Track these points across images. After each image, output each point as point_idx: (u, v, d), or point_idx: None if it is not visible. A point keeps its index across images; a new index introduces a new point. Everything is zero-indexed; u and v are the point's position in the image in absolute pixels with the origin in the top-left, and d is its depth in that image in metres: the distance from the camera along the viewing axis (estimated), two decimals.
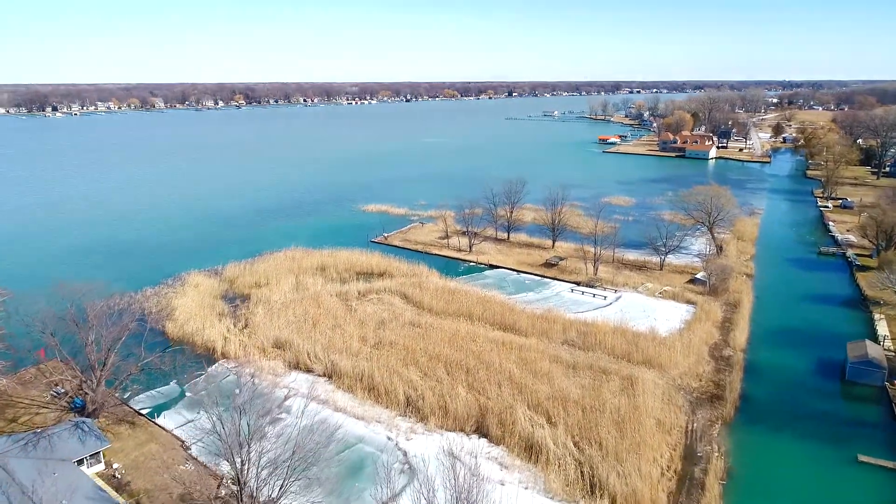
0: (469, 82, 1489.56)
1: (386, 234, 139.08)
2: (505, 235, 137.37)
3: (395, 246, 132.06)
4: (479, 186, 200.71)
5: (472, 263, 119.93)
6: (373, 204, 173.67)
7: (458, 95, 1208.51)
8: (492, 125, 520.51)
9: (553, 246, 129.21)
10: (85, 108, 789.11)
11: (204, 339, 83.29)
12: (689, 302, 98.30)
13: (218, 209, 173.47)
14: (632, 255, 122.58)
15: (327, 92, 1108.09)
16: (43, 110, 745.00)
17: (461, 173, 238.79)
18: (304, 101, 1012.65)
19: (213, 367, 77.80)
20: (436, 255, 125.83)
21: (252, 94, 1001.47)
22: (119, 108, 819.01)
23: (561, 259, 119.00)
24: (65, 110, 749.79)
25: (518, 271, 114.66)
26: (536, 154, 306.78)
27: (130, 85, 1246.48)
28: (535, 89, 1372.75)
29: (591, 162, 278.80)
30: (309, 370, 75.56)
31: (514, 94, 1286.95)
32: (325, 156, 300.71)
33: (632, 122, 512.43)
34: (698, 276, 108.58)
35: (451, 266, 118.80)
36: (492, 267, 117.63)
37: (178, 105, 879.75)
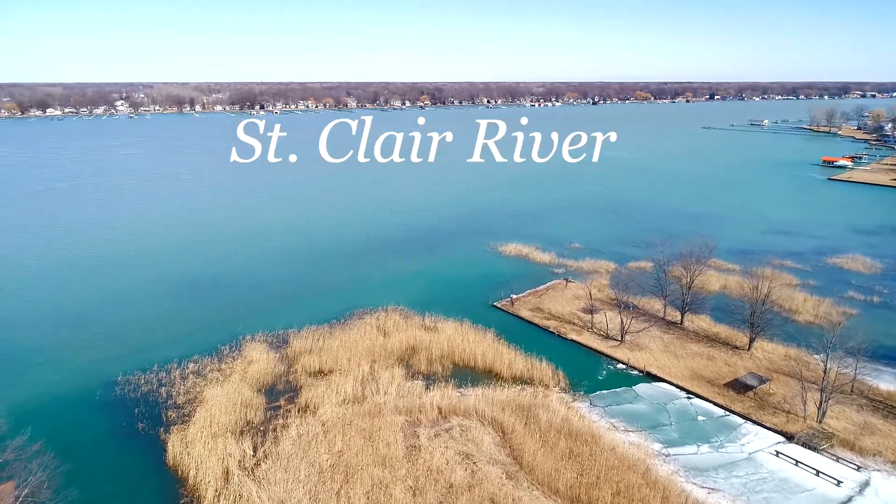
0: (665, 83, 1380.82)
1: (513, 297, 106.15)
2: (678, 317, 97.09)
3: (521, 318, 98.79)
4: (653, 226, 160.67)
5: (620, 366, 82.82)
6: (513, 243, 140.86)
7: (652, 98, 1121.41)
8: (684, 136, 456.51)
9: (750, 348, 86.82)
10: (287, 106, 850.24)
11: (196, 480, 58.11)
12: None
13: (331, 236, 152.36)
14: (887, 384, 76.82)
15: (512, 93, 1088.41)
16: (252, 108, 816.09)
17: (635, 202, 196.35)
18: (488, 102, 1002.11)
19: None
20: (572, 341, 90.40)
21: (438, 95, 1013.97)
22: (316, 107, 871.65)
23: (762, 380, 76.95)
24: (269, 108, 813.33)
25: (690, 393, 75.42)
26: (735, 177, 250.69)
27: (332, 84, 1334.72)
28: (741, 92, 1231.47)
29: (810, 193, 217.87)
30: None
31: (716, 97, 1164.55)
32: (478, 168, 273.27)
33: (867, 136, 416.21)
34: None
35: (589, 365, 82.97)
36: (649, 377, 79.62)
37: (368, 105, 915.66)
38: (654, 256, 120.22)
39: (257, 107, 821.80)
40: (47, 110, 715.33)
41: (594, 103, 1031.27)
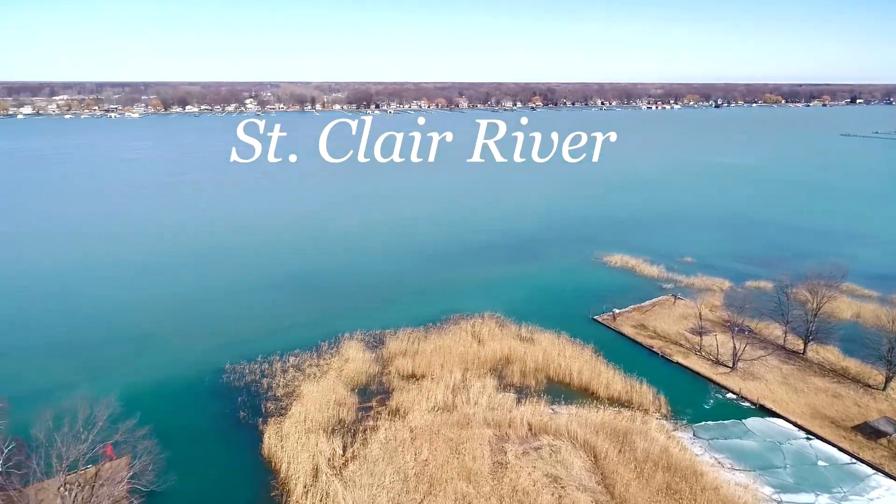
0: (799, 84, 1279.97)
1: (616, 312, 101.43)
2: (800, 346, 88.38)
3: (623, 334, 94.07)
4: (777, 242, 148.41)
5: (730, 396, 76.43)
6: (618, 253, 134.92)
7: (783, 101, 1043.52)
8: (819, 143, 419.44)
9: (886, 387, 77.21)
10: (400, 106, 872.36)
11: (287, 474, 59.81)
12: None
13: (431, 238, 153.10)
14: None
15: (627, 94, 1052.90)
16: (368, 107, 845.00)
17: (757, 215, 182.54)
18: (602, 103, 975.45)
19: None
20: (677, 364, 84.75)
21: (551, 96, 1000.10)
22: (429, 106, 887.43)
23: None
24: (383, 108, 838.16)
25: (810, 434, 68.10)
26: (878, 191, 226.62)
27: (446, 84, 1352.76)
28: (888, 95, 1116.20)
29: None
30: None
31: (858, 101, 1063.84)
32: (583, 172, 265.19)
33: None
34: None
35: (695, 392, 77.30)
36: (763, 411, 72.83)
37: (479, 105, 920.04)
38: (775, 276, 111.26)
39: (372, 106, 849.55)
40: (186, 107, 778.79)
41: (717, 106, 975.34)
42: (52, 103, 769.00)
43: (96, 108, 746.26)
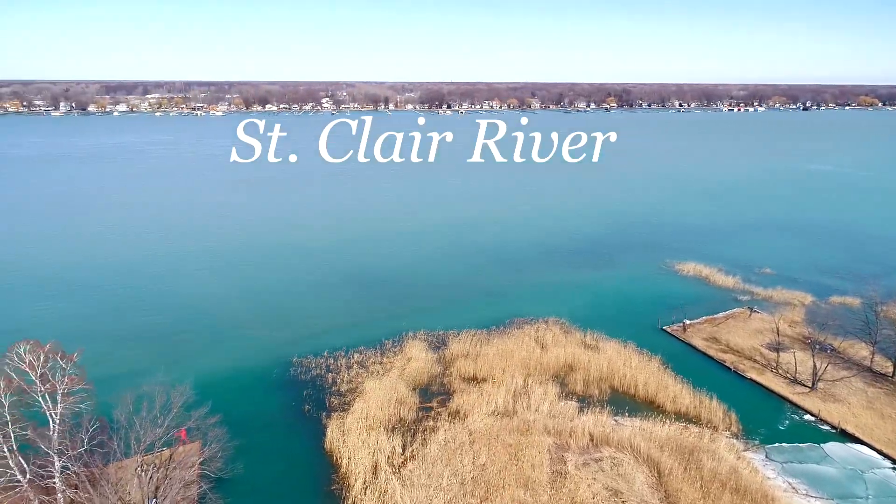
0: None
1: (686, 323, 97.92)
2: (889, 368, 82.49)
3: (693, 347, 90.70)
4: (867, 255, 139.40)
5: (808, 417, 72.30)
6: (691, 262, 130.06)
7: (879, 104, 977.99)
8: None
9: None
10: (472, 106, 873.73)
11: (348, 469, 61.11)
12: None
13: (497, 239, 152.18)
14: None
15: (708, 95, 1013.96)
16: (440, 108, 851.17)
17: (846, 226, 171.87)
18: (680, 105, 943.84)
19: None
20: (750, 380, 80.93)
21: (626, 97, 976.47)
22: (500, 107, 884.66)
23: None
24: (455, 108, 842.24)
25: None
26: None
27: (518, 84, 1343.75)
28: None
29: None
30: None
31: None
32: (656, 173, 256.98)
33: None
34: None
35: (769, 411, 73.58)
36: (844, 436, 68.46)
37: (551, 106, 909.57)
38: (863, 292, 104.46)
39: (444, 106, 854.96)
40: (266, 106, 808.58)
41: (805, 108, 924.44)
42: (145, 101, 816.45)
43: (184, 106, 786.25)
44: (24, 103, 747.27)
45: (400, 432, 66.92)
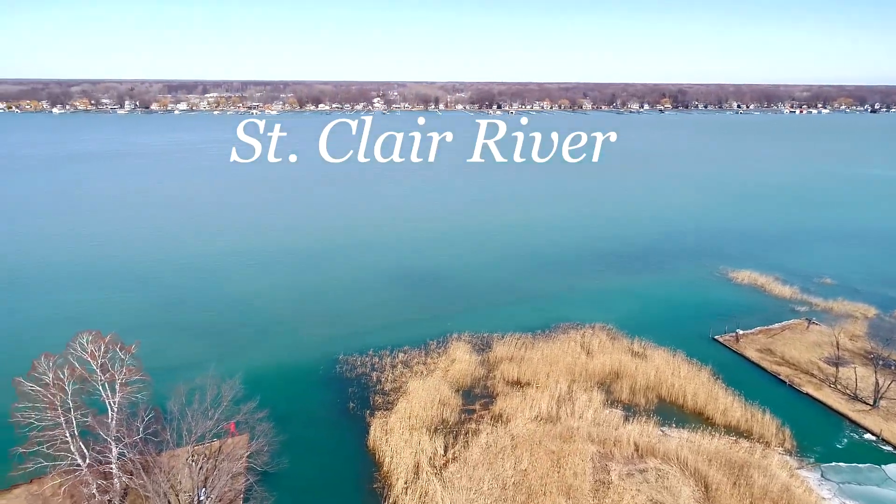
0: None
1: (739, 333, 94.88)
2: None
3: (746, 358, 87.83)
4: None
5: (869, 437, 69.00)
6: (746, 269, 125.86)
7: None
8: None
9: None
10: (522, 106, 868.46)
11: (390, 468, 61.69)
12: None
13: (544, 242, 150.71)
14: None
15: (768, 97, 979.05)
16: (490, 108, 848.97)
17: None
18: (738, 106, 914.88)
19: None
20: (807, 395, 77.82)
21: (681, 98, 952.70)
22: (551, 108, 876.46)
23: None
24: (505, 108, 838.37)
25: None
26: None
27: (570, 84, 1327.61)
28: None
29: None
30: None
31: None
32: (710, 176, 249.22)
33: None
34: None
35: (826, 428, 70.55)
36: None
37: (603, 107, 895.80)
38: None
39: (494, 106, 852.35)
40: (319, 105, 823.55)
41: (874, 111, 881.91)
42: (204, 100, 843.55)
43: (241, 105, 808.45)
44: (93, 101, 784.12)
45: (442, 433, 67.15)
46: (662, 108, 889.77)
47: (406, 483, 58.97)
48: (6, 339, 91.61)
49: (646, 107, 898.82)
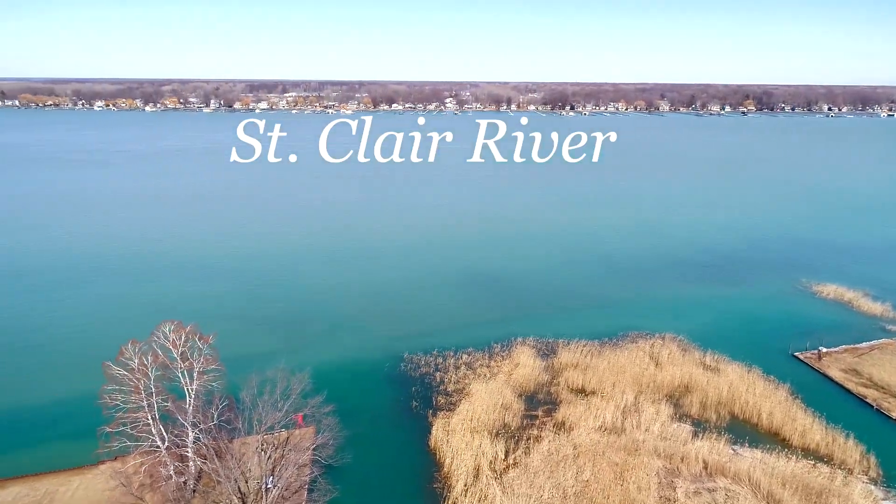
0: None
1: (822, 351, 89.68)
2: None
3: (828, 378, 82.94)
4: None
5: None
6: (832, 283, 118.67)
7: None
8: None
9: None
10: (596, 107, 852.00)
11: (450, 469, 62.05)
12: None
13: (615, 247, 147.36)
14: None
15: (863, 99, 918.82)
16: (562, 109, 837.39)
17: None
18: (829, 109, 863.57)
19: None
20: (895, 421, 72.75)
21: (766, 100, 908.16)
22: (626, 109, 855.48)
23: None
24: (579, 110, 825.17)
25: None
26: None
27: (647, 85, 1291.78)
28: None
29: None
30: None
31: None
32: (795, 183, 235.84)
33: None
34: None
35: None
36: None
37: (682, 109, 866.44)
38: None
39: (567, 107, 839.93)
40: (392, 105, 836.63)
41: None
42: (283, 100, 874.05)
43: (317, 104, 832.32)
44: (181, 100, 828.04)
45: (503, 438, 66.95)
46: (745, 110, 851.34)
47: (466, 485, 59.17)
48: (94, 325, 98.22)
49: (727, 109, 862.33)
